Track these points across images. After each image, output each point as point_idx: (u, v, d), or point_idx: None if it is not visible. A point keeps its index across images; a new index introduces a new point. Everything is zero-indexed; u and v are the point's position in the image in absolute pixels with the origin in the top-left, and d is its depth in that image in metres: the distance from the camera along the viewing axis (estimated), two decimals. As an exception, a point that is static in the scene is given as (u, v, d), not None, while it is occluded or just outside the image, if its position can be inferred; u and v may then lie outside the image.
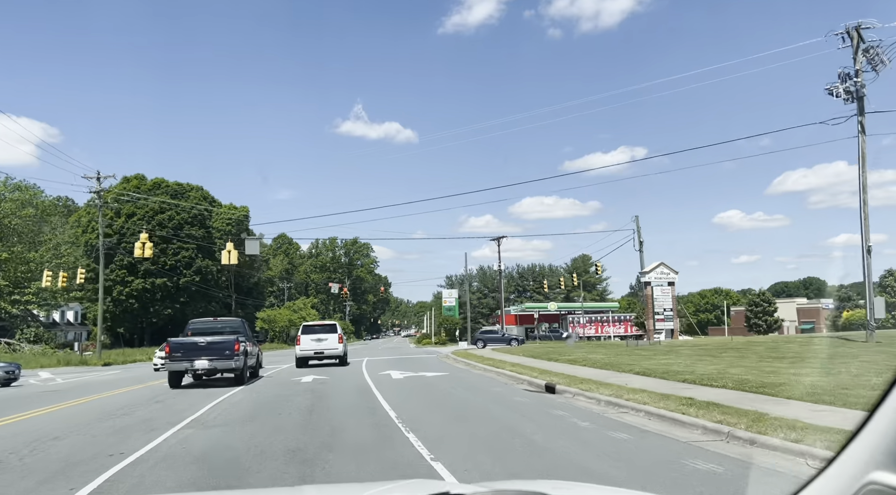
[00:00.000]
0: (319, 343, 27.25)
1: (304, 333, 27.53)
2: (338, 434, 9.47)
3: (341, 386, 17.23)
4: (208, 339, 19.51)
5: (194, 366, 19.10)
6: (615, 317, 73.33)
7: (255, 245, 33.11)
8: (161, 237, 79.70)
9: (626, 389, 12.81)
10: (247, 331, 22.11)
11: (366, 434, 9.49)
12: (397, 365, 27.95)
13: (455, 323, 66.11)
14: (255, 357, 23.07)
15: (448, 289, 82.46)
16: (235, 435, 9.61)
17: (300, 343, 27.34)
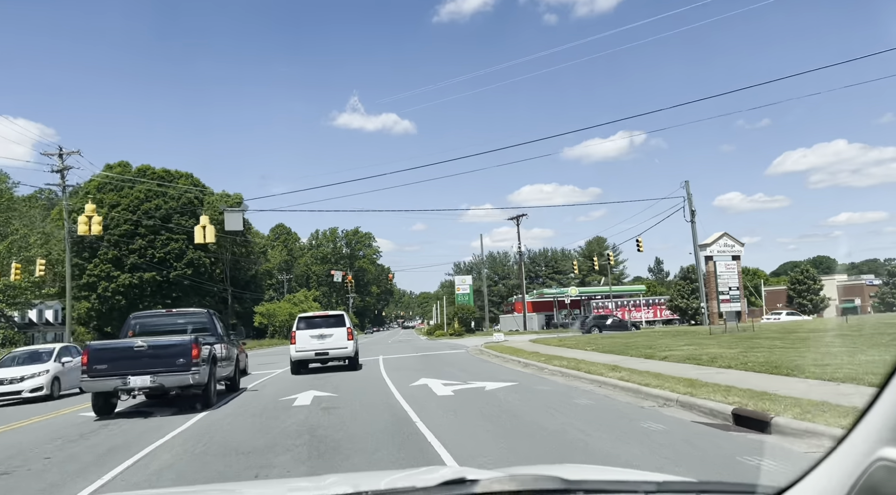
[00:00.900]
0: (322, 340, 20.29)
1: (302, 328, 20.56)
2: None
3: (361, 418, 10.20)
4: (151, 342, 12.55)
5: (128, 385, 12.12)
6: (646, 301, 66.36)
7: (236, 219, 26.18)
8: (148, 228, 72.67)
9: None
10: (216, 326, 15.13)
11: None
12: (426, 367, 21.00)
13: (471, 311, 59.25)
14: (233, 363, 16.09)
15: (461, 275, 75.36)
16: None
17: (296, 341, 20.38)
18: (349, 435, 8.52)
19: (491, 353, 25.26)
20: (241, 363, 19.94)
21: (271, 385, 17.65)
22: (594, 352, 20.43)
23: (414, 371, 19.23)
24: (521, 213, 60.18)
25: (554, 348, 24.73)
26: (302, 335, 20.27)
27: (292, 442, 8.24)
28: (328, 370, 21.01)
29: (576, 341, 28.38)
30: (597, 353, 19.92)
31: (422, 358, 26.35)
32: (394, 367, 21.15)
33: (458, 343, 42.06)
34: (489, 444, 7.42)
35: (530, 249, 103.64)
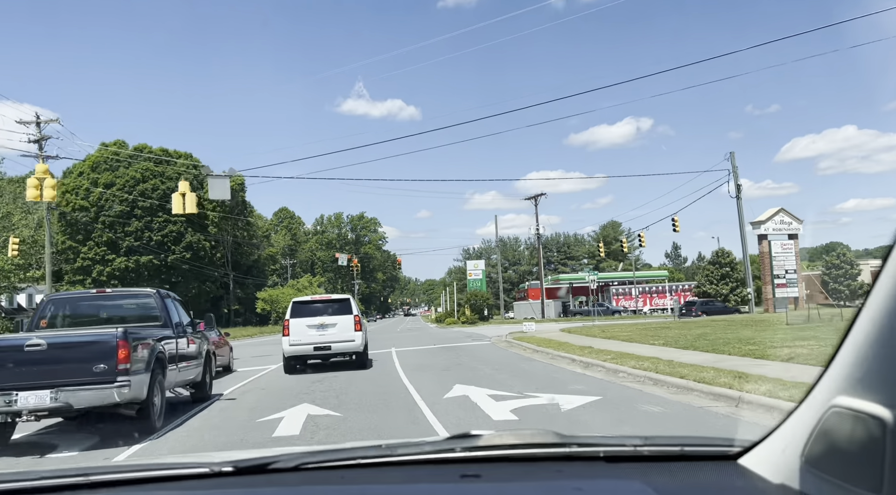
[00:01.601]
0: (323, 331, 15.87)
1: (297, 315, 16.08)
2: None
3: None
4: (53, 339, 8.12)
5: (14, 405, 7.65)
6: (671, 287, 61.80)
7: (222, 185, 21.70)
8: (145, 209, 68.32)
9: None
10: (170, 313, 10.59)
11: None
12: (454, 364, 16.57)
13: (484, 298, 54.82)
14: (200, 364, 11.65)
15: (472, 260, 70.87)
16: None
17: (289, 332, 15.93)
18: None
19: (526, 346, 20.82)
20: (217, 361, 15.57)
21: (256, 390, 13.27)
22: (671, 348, 15.91)
23: (440, 371, 14.80)
24: (540, 193, 55.59)
25: (606, 341, 20.25)
26: (297, 324, 15.85)
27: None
28: (330, 367, 16.64)
29: (628, 332, 23.81)
30: (677, 350, 15.40)
31: (442, 351, 21.94)
32: (413, 365, 16.75)
33: (474, 332, 37.64)
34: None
35: (541, 235, 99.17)
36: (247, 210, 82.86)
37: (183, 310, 11.57)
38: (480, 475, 1.24)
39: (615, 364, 13.03)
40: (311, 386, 13.06)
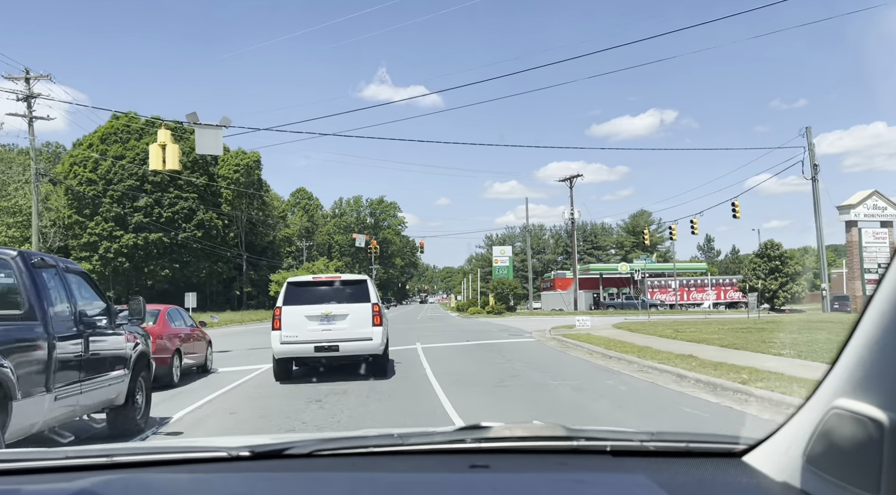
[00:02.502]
0: (328, 325, 11.25)
1: (293, 301, 11.36)
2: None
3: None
4: None
5: None
6: (714, 281, 56.53)
7: (212, 138, 17.16)
8: (155, 184, 64.28)
9: None
10: (41, 292, 5.77)
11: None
12: (506, 375, 11.81)
13: (512, 286, 50.06)
14: (119, 377, 6.99)
15: (499, 246, 66.02)
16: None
17: (280, 324, 11.27)
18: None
19: (590, 349, 16.06)
20: (187, 360, 11.08)
21: (220, 414, 8.70)
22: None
23: (495, 389, 10.12)
24: (576, 175, 50.50)
25: (700, 347, 15.40)
26: (293, 314, 11.25)
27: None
28: (336, 373, 12.08)
29: (713, 333, 18.73)
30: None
31: (481, 351, 17.28)
32: (450, 374, 12.11)
33: (506, 324, 32.95)
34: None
35: (567, 223, 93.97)
36: (262, 188, 78.60)
37: (92, 289, 6.96)
38: (489, 465, 1.25)
39: (782, 393, 8.23)
40: (303, 410, 8.49)
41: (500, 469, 1.26)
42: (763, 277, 49.89)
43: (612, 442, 1.34)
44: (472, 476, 1.23)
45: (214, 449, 1.37)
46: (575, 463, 1.29)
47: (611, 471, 1.26)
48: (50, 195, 69.07)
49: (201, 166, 68.19)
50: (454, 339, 22.00)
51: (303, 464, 1.33)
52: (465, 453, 1.34)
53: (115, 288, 66.52)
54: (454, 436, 1.38)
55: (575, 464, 1.29)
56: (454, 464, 1.31)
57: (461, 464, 1.28)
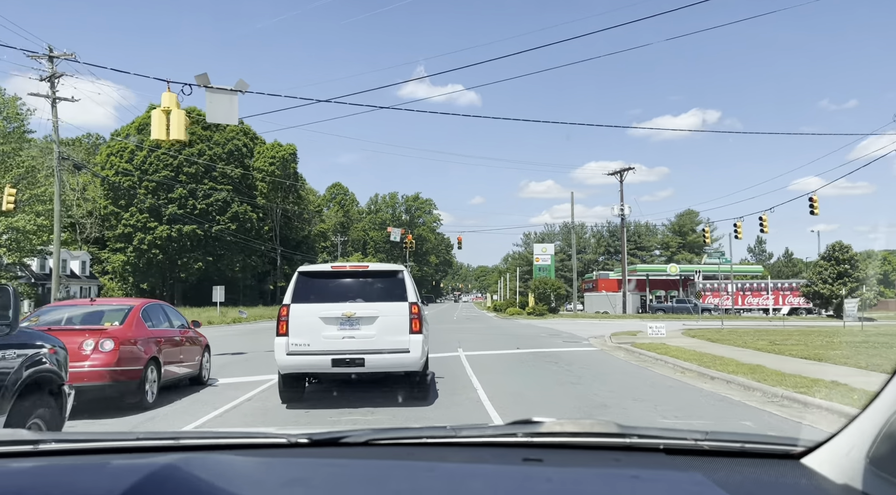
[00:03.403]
0: (351, 330, 8.22)
1: (304, 297, 8.33)
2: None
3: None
4: None
5: None
6: (773, 285, 52.07)
7: (226, 104, 14.34)
8: (189, 175, 62.58)
9: None
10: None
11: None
12: (591, 404, 8.51)
13: (555, 286, 46.59)
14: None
15: (540, 243, 62.46)
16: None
17: (287, 328, 8.28)
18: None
19: (679, 366, 12.71)
20: (165, 372, 8.19)
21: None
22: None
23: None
24: (627, 168, 46.62)
25: (848, 372, 11.94)
26: (304, 315, 8.27)
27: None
28: (360, 391, 9.10)
29: (822, 343, 15.07)
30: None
31: (539, 362, 14.06)
32: (511, 399, 9.01)
33: (552, 328, 29.64)
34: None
35: (610, 222, 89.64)
36: (298, 182, 76.50)
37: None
38: (542, 459, 1.25)
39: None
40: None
41: (553, 463, 1.24)
42: (830, 282, 45.47)
43: (665, 440, 1.31)
44: (526, 468, 1.21)
45: (274, 435, 1.40)
46: (628, 460, 1.26)
47: (665, 468, 1.22)
48: (87, 186, 68.18)
49: (237, 158, 66.34)
50: (501, 345, 18.84)
51: (359, 452, 1.34)
52: (518, 446, 1.33)
53: (148, 280, 65.13)
54: (506, 430, 1.37)
55: (628, 461, 1.26)
56: (507, 457, 1.30)
57: (514, 457, 1.28)
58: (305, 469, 1.22)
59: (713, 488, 1.08)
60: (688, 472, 1.18)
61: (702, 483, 1.10)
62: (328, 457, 1.31)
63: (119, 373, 7.85)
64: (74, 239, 65.28)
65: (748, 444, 1.29)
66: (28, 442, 1.32)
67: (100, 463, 1.17)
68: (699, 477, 1.13)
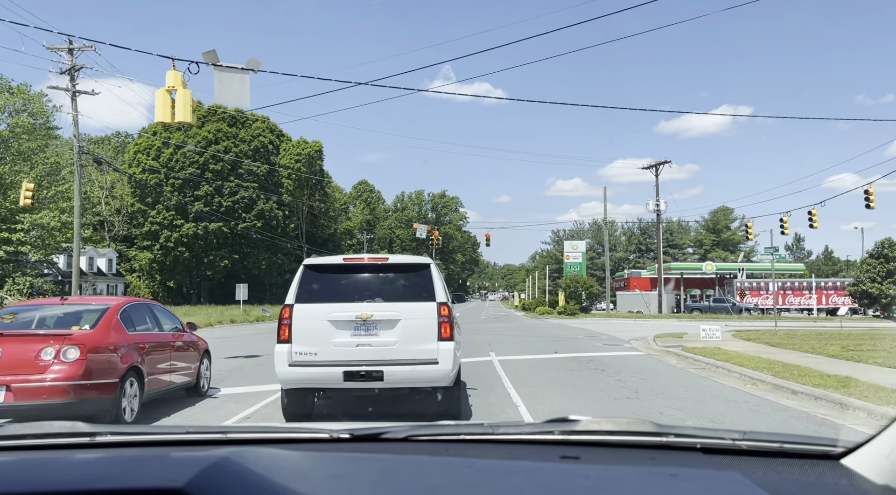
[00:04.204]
0: (367, 336, 6.69)
1: (310, 296, 6.81)
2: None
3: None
4: None
5: None
6: (816, 284, 49.39)
7: (236, 84, 12.96)
8: (215, 172, 61.94)
9: None
10: None
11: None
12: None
13: (587, 285, 44.65)
14: None
15: (571, 240, 60.41)
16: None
17: (290, 333, 6.77)
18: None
19: (746, 375, 10.91)
20: (149, 382, 6.72)
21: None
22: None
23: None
24: (664, 161, 44.38)
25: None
26: (310, 317, 6.75)
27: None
28: (378, 406, 7.59)
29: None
30: None
31: (582, 370, 12.35)
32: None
33: (588, 328, 27.86)
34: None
35: (641, 219, 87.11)
36: (324, 179, 75.50)
37: None
38: (579, 457, 1.26)
39: None
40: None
41: (590, 460, 1.24)
42: (879, 281, 42.76)
43: (702, 439, 1.31)
44: (563, 465, 1.22)
45: (317, 430, 1.44)
46: (665, 459, 1.26)
47: (703, 467, 1.21)
48: (115, 184, 68.05)
49: (262, 155, 65.57)
50: (536, 349, 17.17)
51: (399, 447, 1.36)
52: (555, 444, 1.33)
53: (175, 278, 64.74)
54: (543, 428, 1.38)
55: (665, 460, 1.25)
56: (545, 454, 1.30)
57: (552, 454, 1.28)
58: (349, 463, 1.23)
59: (752, 487, 1.05)
60: (726, 471, 1.16)
61: (740, 482, 1.09)
62: (369, 452, 1.32)
63: (87, 388, 6.43)
64: (102, 237, 65.16)
65: (787, 444, 1.27)
66: (85, 435, 1.36)
67: (159, 454, 1.17)
68: (737, 477, 1.11)
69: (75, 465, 1.13)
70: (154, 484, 0.95)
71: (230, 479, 0.98)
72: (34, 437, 1.36)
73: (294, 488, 0.98)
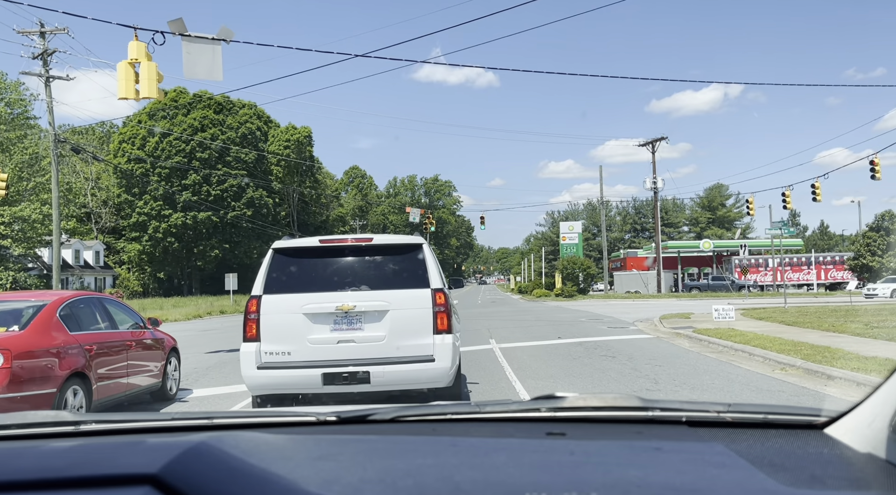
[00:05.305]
0: (350, 331, 5.65)
1: (282, 285, 5.76)
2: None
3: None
4: None
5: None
6: (815, 258, 48.63)
7: (207, 56, 11.79)
8: (203, 161, 60.38)
9: None
10: None
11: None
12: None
13: (584, 265, 43.73)
14: None
15: (567, 222, 59.36)
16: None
17: (258, 330, 5.73)
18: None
19: (770, 359, 9.92)
20: (100, 388, 5.53)
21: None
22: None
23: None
24: (660, 137, 43.28)
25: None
26: (281, 310, 5.72)
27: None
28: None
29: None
30: None
31: (590, 358, 11.33)
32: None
33: (588, 310, 26.93)
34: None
35: (636, 198, 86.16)
36: (315, 165, 74.05)
37: None
38: (565, 433, 1.27)
39: None
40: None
41: (576, 436, 1.25)
42: (880, 254, 42.00)
43: (687, 412, 1.32)
44: (549, 442, 1.22)
45: (304, 413, 1.43)
46: (651, 433, 1.27)
47: (687, 440, 1.23)
48: (101, 175, 66.36)
49: (250, 142, 64.00)
50: (538, 334, 16.16)
51: (386, 429, 1.36)
52: (541, 421, 1.34)
53: (165, 269, 63.44)
54: (530, 405, 1.38)
55: (651, 433, 1.27)
56: (531, 431, 1.31)
57: (538, 432, 1.29)
58: (334, 445, 1.23)
59: (735, 458, 1.06)
60: (710, 443, 1.17)
61: (723, 453, 1.10)
62: (356, 434, 1.32)
63: (14, 402, 5.35)
64: (90, 229, 63.71)
65: (771, 415, 1.28)
66: (69, 423, 1.36)
67: (136, 441, 1.18)
68: (720, 448, 1.12)
69: (50, 454, 1.12)
70: (127, 470, 0.94)
71: (206, 464, 0.96)
72: (16, 427, 1.34)
73: (275, 470, 0.97)
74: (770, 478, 0.98)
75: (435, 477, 1.00)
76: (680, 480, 1.00)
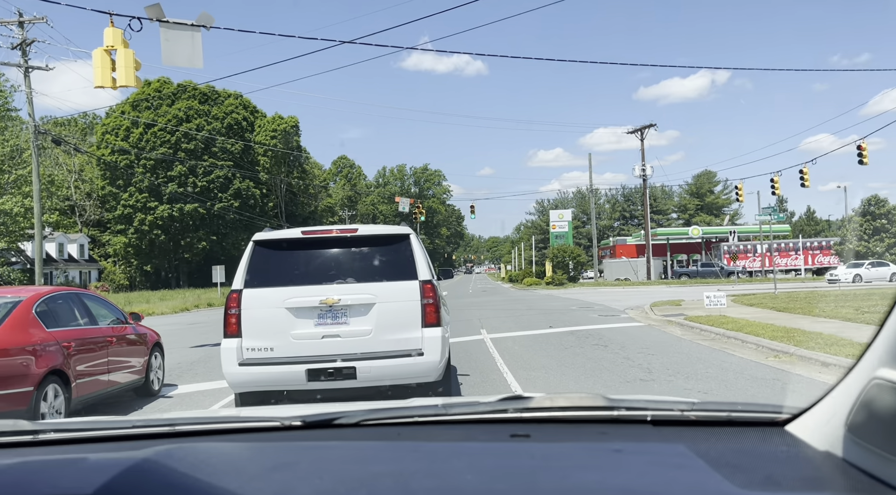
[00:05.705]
0: (334, 325, 5.48)
1: (264, 279, 5.61)
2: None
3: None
4: None
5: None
6: (802, 244, 48.87)
7: (186, 42, 11.50)
8: (188, 152, 59.65)
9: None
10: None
11: None
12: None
13: (574, 254, 43.69)
14: None
15: (557, 210, 59.26)
16: None
17: (239, 325, 5.58)
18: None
19: (762, 346, 9.85)
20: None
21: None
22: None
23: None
24: (649, 124, 43.22)
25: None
26: (263, 305, 5.55)
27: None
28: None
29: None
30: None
31: (584, 348, 11.23)
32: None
33: (579, 298, 26.90)
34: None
35: (624, 186, 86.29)
36: (302, 155, 73.43)
37: None
38: (530, 435, 1.26)
39: None
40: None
41: (540, 438, 1.24)
42: (867, 239, 42.30)
43: (652, 411, 1.31)
44: (512, 445, 1.22)
45: (268, 419, 1.40)
46: (615, 433, 1.27)
47: (649, 440, 1.23)
48: (84, 167, 65.44)
49: (236, 132, 63.31)
50: (529, 323, 16.06)
51: (351, 433, 1.34)
52: (508, 422, 1.32)
53: (151, 262, 62.82)
54: (497, 406, 1.36)
55: (615, 434, 1.26)
56: (496, 433, 1.29)
57: (503, 434, 1.27)
58: (294, 453, 1.19)
59: (694, 459, 1.07)
60: (672, 443, 1.17)
61: (684, 454, 1.10)
62: (319, 440, 1.30)
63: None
64: (74, 222, 62.93)
65: (734, 413, 1.27)
66: (28, 432, 1.33)
67: (81, 458, 1.13)
68: (681, 449, 1.12)
69: (7, 467, 1.09)
70: (62, 492, 0.92)
71: (146, 483, 0.94)
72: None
73: (223, 485, 0.95)
74: (726, 481, 0.97)
75: (390, 485, 0.98)
76: (637, 483, 0.99)
